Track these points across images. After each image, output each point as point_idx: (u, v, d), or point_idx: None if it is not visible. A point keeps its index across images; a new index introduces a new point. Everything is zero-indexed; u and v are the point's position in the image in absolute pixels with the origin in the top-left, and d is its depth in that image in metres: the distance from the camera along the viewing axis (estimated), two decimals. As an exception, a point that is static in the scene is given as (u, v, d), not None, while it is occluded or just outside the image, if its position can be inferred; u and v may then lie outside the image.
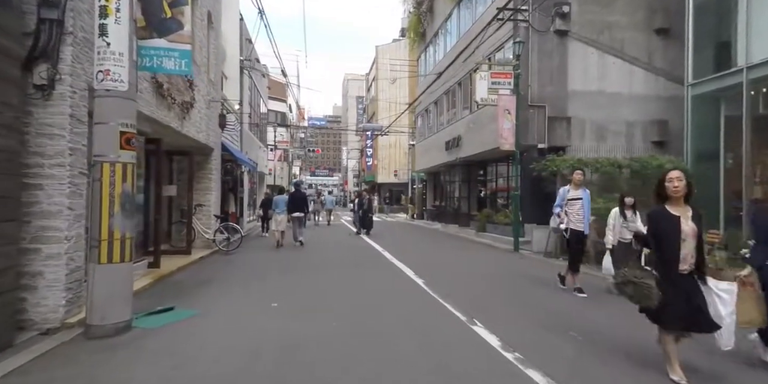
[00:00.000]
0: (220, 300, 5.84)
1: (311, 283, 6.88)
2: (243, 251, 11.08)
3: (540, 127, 12.99)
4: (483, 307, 5.60)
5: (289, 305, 5.52)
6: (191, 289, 6.53)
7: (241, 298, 5.99)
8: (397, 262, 9.25)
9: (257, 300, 5.83)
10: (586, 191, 6.85)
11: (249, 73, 18.13)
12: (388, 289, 6.57)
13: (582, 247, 6.86)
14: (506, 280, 7.63)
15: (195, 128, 9.47)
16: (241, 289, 6.50)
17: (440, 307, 5.54)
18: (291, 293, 6.21)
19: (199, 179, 11.29)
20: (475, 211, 19.20)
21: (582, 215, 6.59)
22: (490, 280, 7.55)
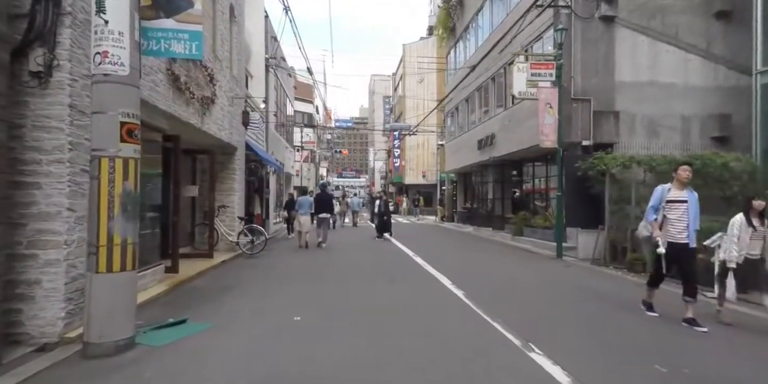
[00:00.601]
0: (238, 311, 5.22)
1: (337, 294, 6.20)
2: (267, 255, 10.53)
3: (584, 122, 11.99)
4: (539, 328, 4.76)
5: (313, 320, 4.85)
6: (209, 297, 5.95)
7: (260, 309, 5.36)
8: (430, 269, 8.49)
9: (278, 312, 5.19)
10: (693, 193, 5.36)
11: (275, 71, 17.70)
12: (423, 302, 5.80)
13: (691, 265, 5.29)
14: (557, 292, 6.73)
15: (216, 126, 8.97)
16: (261, 299, 5.89)
17: (487, 327, 4.74)
18: (315, 305, 5.54)
19: (222, 179, 10.82)
20: (509, 213, 18.21)
21: (686, 223, 5.11)
22: (538, 292, 6.65)
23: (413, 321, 4.89)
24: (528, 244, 13.84)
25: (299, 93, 42.24)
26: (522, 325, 4.74)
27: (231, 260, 9.49)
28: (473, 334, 4.47)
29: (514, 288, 6.92)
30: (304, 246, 12.45)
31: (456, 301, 5.82)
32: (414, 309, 5.41)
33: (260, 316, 5.03)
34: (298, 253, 11.54)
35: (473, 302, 5.72)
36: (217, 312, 5.13)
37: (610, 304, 5.99)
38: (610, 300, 6.19)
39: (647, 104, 12.19)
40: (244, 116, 10.24)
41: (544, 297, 6.31)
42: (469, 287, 6.66)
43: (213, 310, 5.19)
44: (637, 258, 9.21)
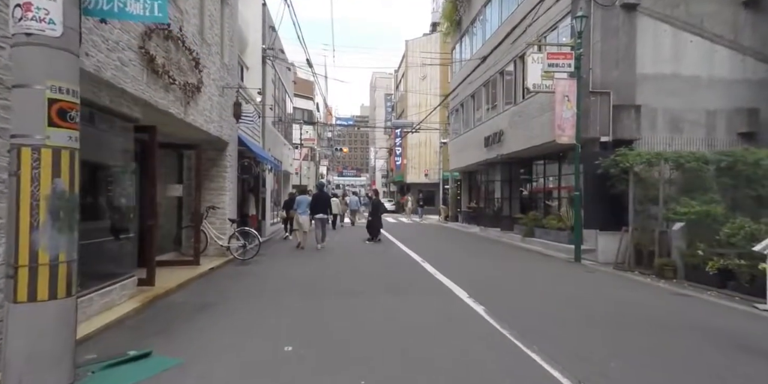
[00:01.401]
0: (218, 338, 4.37)
1: (337, 312, 5.32)
2: (261, 260, 9.68)
3: (603, 117, 11.12)
4: (596, 364, 3.76)
5: (307, 350, 3.98)
6: (186, 317, 5.10)
7: (245, 333, 4.50)
8: (442, 278, 7.62)
9: (266, 338, 4.33)
10: None
11: (272, 63, 16.83)
12: (439, 322, 4.91)
13: None
14: (597, 308, 5.82)
15: (203, 117, 8.11)
16: (247, 320, 5.03)
17: (524, 360, 3.82)
18: (311, 328, 4.68)
19: (211, 178, 9.96)
20: (518, 213, 17.36)
21: None
22: (574, 308, 5.69)
23: (430, 350, 4.01)
24: (540, 246, 12.99)
25: (299, 89, 41.34)
26: (568, 357, 3.85)
27: (220, 267, 8.64)
28: (508, 372, 3.58)
29: (543, 302, 6.05)
30: (302, 246, 12.15)
31: (479, 323, 4.91)
32: (428, 333, 4.51)
33: (244, 344, 4.17)
34: (295, 257, 10.70)
35: (499, 323, 4.83)
36: (193, 340, 4.27)
37: (669, 326, 5.12)
38: (655, 320, 5.32)
39: (670, 98, 11.34)
40: (236, 108, 9.38)
41: (582, 314, 5.43)
42: (489, 301, 5.80)
43: (187, 337, 4.33)
44: (666, 263, 8.38)
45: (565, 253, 11.52)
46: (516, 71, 15.64)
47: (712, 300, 6.57)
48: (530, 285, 7.35)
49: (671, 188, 9.65)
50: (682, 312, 5.77)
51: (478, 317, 5.08)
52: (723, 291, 7.05)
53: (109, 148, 5.28)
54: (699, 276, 7.65)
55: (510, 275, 8.40)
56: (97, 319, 4.64)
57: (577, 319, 5.16)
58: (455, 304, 5.74)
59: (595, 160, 10.46)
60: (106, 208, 5.39)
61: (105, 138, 5.17)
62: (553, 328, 4.73)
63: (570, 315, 5.33)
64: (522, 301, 6.02)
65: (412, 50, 40.43)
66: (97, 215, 5.18)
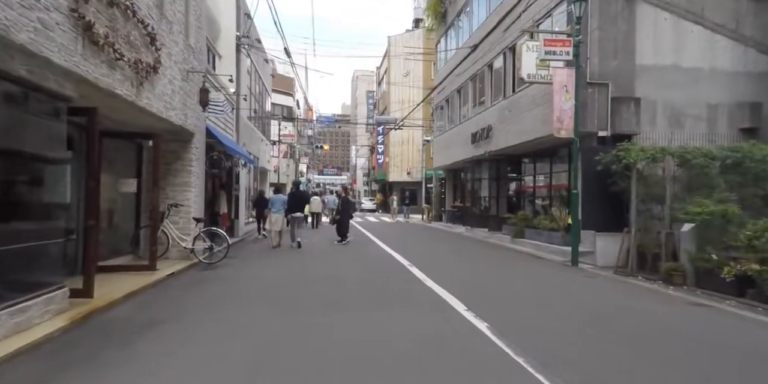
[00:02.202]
0: (159, 370, 3.42)
1: (315, 332, 4.38)
2: (229, 264, 8.69)
3: (601, 109, 10.45)
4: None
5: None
6: (125, 339, 4.13)
7: (196, 365, 3.56)
8: (433, 285, 6.76)
9: (223, 372, 3.41)
10: None
11: (248, 53, 15.76)
12: (439, 347, 3.98)
13: None
14: (613, 322, 5.01)
15: (163, 103, 7.09)
16: (203, 342, 4.08)
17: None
18: (281, 356, 3.75)
19: (175, 172, 8.93)
20: (506, 213, 16.67)
21: None
22: (589, 323, 4.86)
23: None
24: (531, 248, 12.29)
25: (279, 85, 40.10)
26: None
27: (181, 273, 7.62)
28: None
29: (552, 316, 5.22)
30: (276, 246, 11.69)
31: (486, 346, 4.00)
32: (432, 367, 3.60)
33: (193, 381, 3.23)
34: (268, 259, 9.74)
35: (511, 346, 3.93)
36: (120, 377, 3.30)
37: (705, 346, 4.37)
38: (698, 337, 4.58)
39: (670, 91, 10.74)
40: (203, 94, 8.36)
41: (602, 332, 4.62)
42: (492, 316, 4.95)
43: (118, 372, 3.36)
44: (675, 268, 7.70)
45: (559, 256, 10.84)
46: (506, 63, 14.93)
47: (734, 311, 5.88)
48: (531, 293, 6.55)
49: (675, 186, 9.02)
50: (710, 327, 5.05)
51: (483, 338, 4.22)
52: (742, 300, 6.38)
53: (29, 131, 4.26)
54: (713, 283, 6.98)
55: (506, 281, 7.60)
56: (3, 345, 3.64)
57: (598, 339, 4.36)
58: (454, 319, 4.87)
59: (594, 156, 9.78)
60: (29, 207, 4.37)
61: (22, 118, 4.15)
62: (575, 352, 3.91)
63: (589, 333, 4.53)
64: (528, 315, 5.20)
65: (394, 46, 39.60)
66: (14, 215, 4.16)
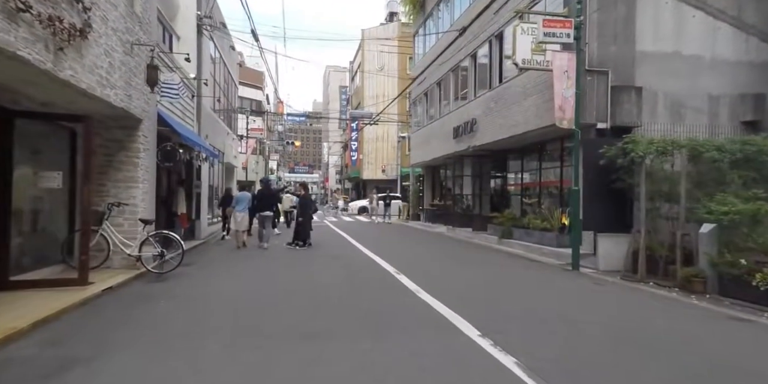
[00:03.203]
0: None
1: (291, 379, 3.24)
2: (185, 273, 7.38)
3: (600, 99, 9.61)
4: None
5: None
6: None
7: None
8: (430, 299, 5.63)
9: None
10: None
11: (211, 37, 14.30)
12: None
13: None
14: (674, 353, 3.94)
15: (96, 78, 5.73)
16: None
17: None
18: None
19: (118, 165, 7.54)
20: (490, 212, 15.82)
21: None
22: (645, 354, 3.82)
23: None
24: (521, 249, 11.40)
25: (248, 78, 38.25)
26: None
27: (121, 287, 6.27)
28: None
29: (592, 342, 4.11)
30: (241, 247, 11.10)
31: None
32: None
33: None
34: (232, 266, 8.46)
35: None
36: None
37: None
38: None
39: (670, 80, 10.00)
40: (150, 71, 6.99)
41: (661, 366, 3.63)
42: (514, 344, 3.85)
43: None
44: (695, 274, 6.87)
45: (554, 258, 9.98)
46: (491, 52, 14.01)
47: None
48: (546, 309, 5.53)
49: (670, 182, 8.23)
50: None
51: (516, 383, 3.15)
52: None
53: None
54: (742, 291, 6.15)
55: (511, 292, 6.56)
56: None
57: (659, 375, 3.36)
58: (469, 352, 3.75)
59: (593, 150, 8.93)
60: None
61: None
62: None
63: (655, 370, 3.51)
64: (560, 343, 4.10)
65: (368, 40, 38.38)
66: None
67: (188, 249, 10.88)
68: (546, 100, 10.58)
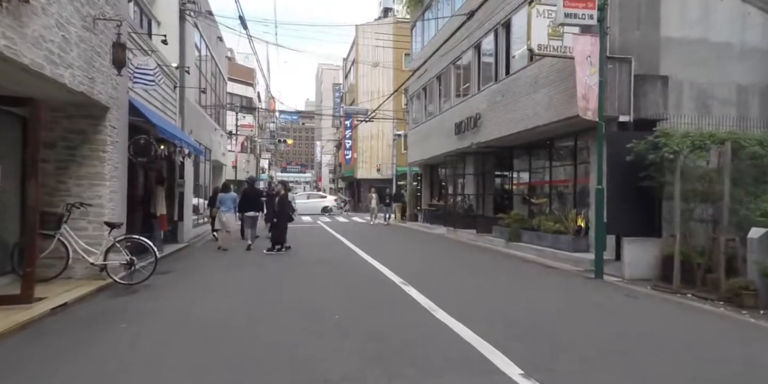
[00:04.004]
0: None
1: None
2: (157, 284, 6.39)
3: (622, 89, 8.76)
4: None
5: None
6: None
7: None
8: (449, 321, 4.64)
9: None
10: None
11: (196, 24, 13.28)
12: None
13: None
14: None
15: (44, 53, 4.75)
16: None
17: None
18: None
19: (80, 159, 6.54)
20: (493, 212, 14.95)
21: None
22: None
23: None
24: (533, 254, 10.52)
25: (238, 74, 37.13)
26: None
27: (78, 304, 5.27)
28: None
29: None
30: (224, 248, 10.66)
31: None
32: None
33: None
34: (213, 275, 7.47)
35: None
36: None
37: None
38: None
39: (697, 69, 9.19)
40: (117, 51, 6.00)
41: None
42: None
43: None
44: (744, 285, 6.00)
45: (571, 264, 9.11)
46: (498, 42, 13.12)
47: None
48: (587, 332, 4.57)
49: (718, 179, 7.39)
50: None
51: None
52: None
53: None
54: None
55: (538, 308, 5.58)
56: None
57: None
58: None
59: (620, 145, 8.04)
60: None
61: None
62: None
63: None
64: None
65: (363, 36, 37.40)
66: None
67: (169, 253, 9.92)
68: (560, 92, 9.72)
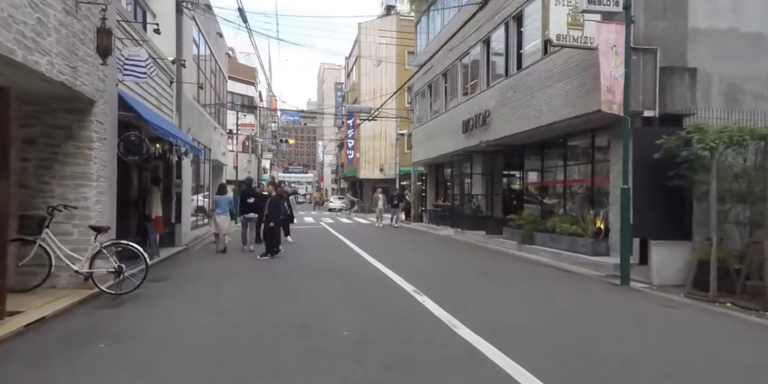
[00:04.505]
0: None
1: None
2: (148, 294, 5.85)
3: (647, 82, 8.19)
4: None
5: None
6: None
7: None
8: (477, 342, 4.07)
9: None
10: None
11: (194, 17, 12.75)
12: None
13: None
14: None
15: (13, 36, 4.22)
16: None
17: None
18: None
19: (65, 157, 6.00)
20: (502, 213, 14.40)
21: None
22: None
23: None
24: (547, 257, 9.96)
25: (239, 73, 36.63)
26: None
27: (58, 317, 4.73)
28: None
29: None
30: (222, 251, 10.40)
31: None
32: None
33: None
34: (210, 284, 6.92)
35: None
36: None
37: None
38: None
39: (726, 61, 8.59)
40: (102, 37, 5.45)
41: None
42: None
43: None
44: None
45: (590, 268, 8.56)
46: (508, 36, 12.56)
47: None
48: (643, 352, 4.01)
49: (747, 180, 6.82)
50: None
51: None
52: None
53: None
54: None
55: (576, 323, 4.95)
56: None
57: None
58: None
59: (646, 141, 7.47)
60: None
61: None
62: None
63: None
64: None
65: (365, 34, 36.85)
66: None
67: (165, 258, 9.38)
68: (577, 86, 9.17)
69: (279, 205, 10.04)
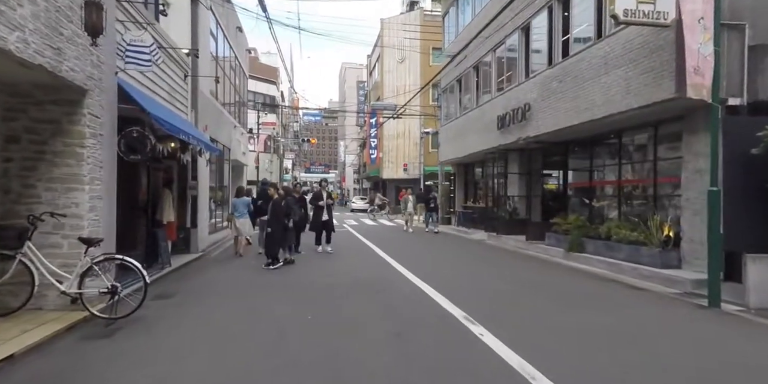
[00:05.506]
0: None
1: None
2: (149, 317, 4.94)
3: (733, 64, 6.94)
4: None
5: None
6: None
7: None
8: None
9: None
10: None
11: (212, 8, 11.94)
12: None
13: None
14: None
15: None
16: None
17: None
18: None
19: (53, 157, 5.13)
20: (542, 216, 13.17)
21: None
22: None
23: None
24: (602, 268, 8.75)
25: (261, 72, 36.07)
26: None
27: (32, 354, 3.83)
28: None
29: None
30: (240, 254, 10.31)
31: None
32: None
33: None
34: (223, 302, 5.96)
35: None
36: None
37: None
38: None
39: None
40: (89, 11, 4.56)
41: None
42: None
43: None
44: None
45: (660, 283, 7.34)
46: (553, 20, 11.34)
47: None
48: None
49: None
50: None
51: None
52: None
53: None
54: None
55: (680, 370, 3.92)
56: None
57: None
58: None
59: (736, 134, 6.23)
60: None
61: None
62: None
63: None
64: None
65: (388, 30, 35.80)
66: None
67: (178, 266, 8.52)
68: (642, 72, 7.94)
69: (281, 209, 8.88)
